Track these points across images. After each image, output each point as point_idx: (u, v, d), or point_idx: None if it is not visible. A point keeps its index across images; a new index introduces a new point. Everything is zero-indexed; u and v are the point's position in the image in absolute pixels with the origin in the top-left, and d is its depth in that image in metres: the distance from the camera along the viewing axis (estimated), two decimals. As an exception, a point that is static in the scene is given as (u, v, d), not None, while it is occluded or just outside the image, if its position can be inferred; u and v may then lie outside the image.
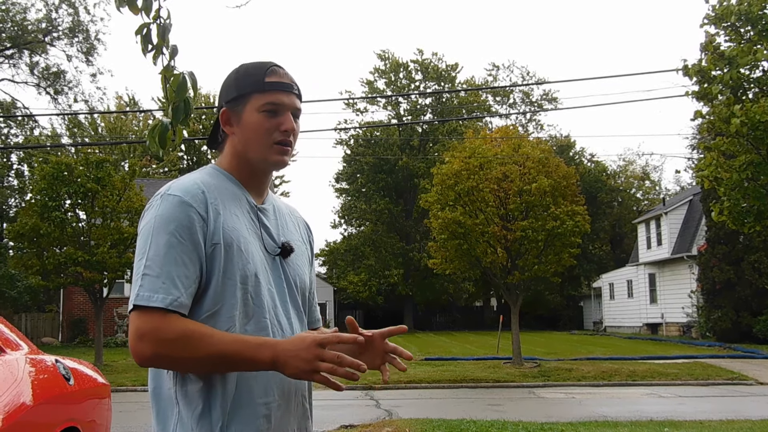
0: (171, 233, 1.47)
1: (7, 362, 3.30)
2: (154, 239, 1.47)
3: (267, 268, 1.60)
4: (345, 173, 42.18)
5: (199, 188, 1.54)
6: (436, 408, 10.58)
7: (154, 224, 1.49)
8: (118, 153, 37.92)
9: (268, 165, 1.63)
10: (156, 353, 1.42)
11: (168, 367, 1.48)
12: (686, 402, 11.50)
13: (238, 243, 1.54)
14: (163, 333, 1.41)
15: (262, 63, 1.64)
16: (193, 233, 1.49)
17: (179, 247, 1.47)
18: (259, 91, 1.60)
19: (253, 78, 1.61)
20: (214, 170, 1.64)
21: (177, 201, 1.50)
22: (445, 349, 21.40)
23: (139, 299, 1.43)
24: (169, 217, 1.49)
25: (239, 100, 1.61)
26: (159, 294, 1.43)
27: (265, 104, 1.59)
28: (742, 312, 22.71)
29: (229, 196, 1.59)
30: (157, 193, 1.56)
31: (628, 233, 41.12)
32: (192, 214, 1.50)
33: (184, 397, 1.49)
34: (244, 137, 1.61)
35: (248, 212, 1.62)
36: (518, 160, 15.76)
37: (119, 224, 15.88)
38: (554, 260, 15.30)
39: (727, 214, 8.29)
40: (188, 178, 1.58)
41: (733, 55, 7.53)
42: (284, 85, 1.61)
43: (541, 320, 38.80)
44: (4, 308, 23.71)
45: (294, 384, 1.58)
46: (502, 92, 45.29)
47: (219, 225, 1.52)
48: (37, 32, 29.41)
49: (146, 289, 1.43)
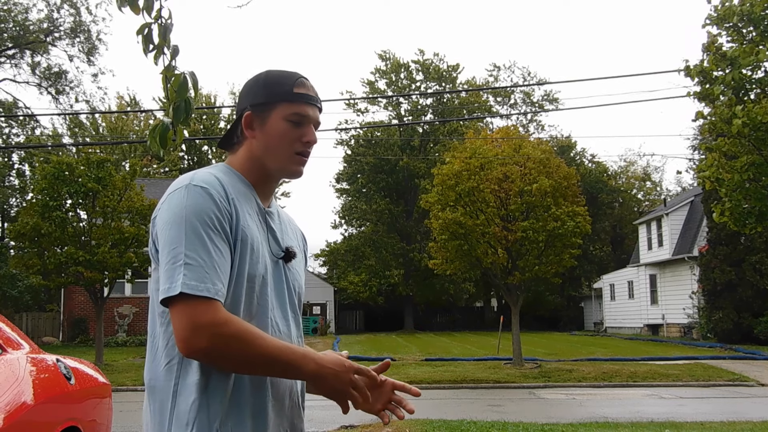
0: (205, 223, 1.46)
1: (8, 361, 3.30)
2: (188, 229, 1.45)
3: (272, 270, 1.61)
4: (345, 173, 42.19)
5: (219, 183, 1.54)
6: (436, 408, 10.57)
7: (185, 214, 1.47)
8: (119, 153, 37.96)
9: (284, 173, 1.66)
10: (212, 346, 1.40)
11: (215, 362, 1.45)
12: (687, 403, 11.49)
13: (252, 241, 1.55)
14: (222, 328, 1.40)
15: (291, 73, 1.67)
16: (224, 224, 1.49)
17: (216, 238, 1.46)
18: (288, 101, 1.62)
19: (283, 87, 1.63)
20: (226, 168, 1.64)
21: (205, 192, 1.49)
22: (445, 350, 21.40)
23: (187, 288, 1.40)
24: (200, 207, 1.47)
25: (266, 107, 1.63)
26: (206, 284, 1.42)
27: (292, 114, 1.62)
28: (743, 313, 22.70)
29: (242, 195, 1.60)
30: (178, 183, 1.53)
31: (629, 234, 41.11)
32: (221, 206, 1.50)
33: (183, 392, 1.48)
34: (266, 143, 1.63)
35: (257, 214, 1.63)
36: (519, 160, 15.76)
37: (120, 224, 15.89)
38: (555, 261, 15.30)
39: (728, 215, 8.28)
40: (205, 172, 1.57)
41: (735, 56, 7.52)
42: (311, 98, 1.65)
43: (541, 321, 38.79)
44: (5, 308, 23.74)
45: (288, 384, 1.59)
46: (503, 93, 45.28)
47: (239, 221, 1.53)
48: (39, 32, 29.44)
49: (191, 278, 1.41)
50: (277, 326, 1.59)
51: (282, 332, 1.59)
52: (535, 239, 14.74)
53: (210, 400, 1.47)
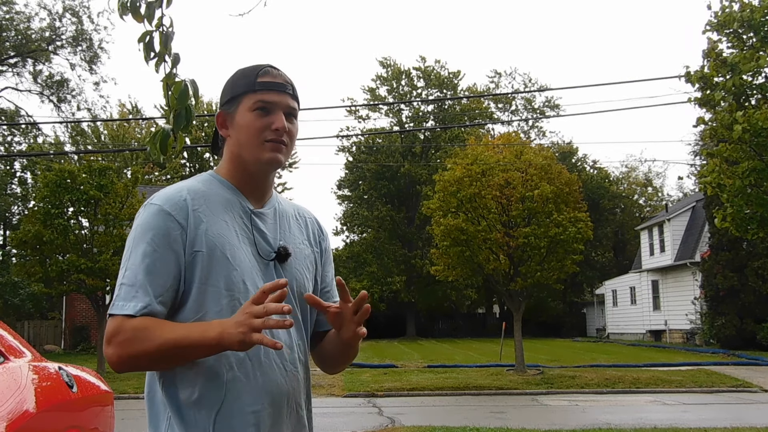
0: (148, 242, 1.50)
1: (10, 369, 3.30)
2: (133, 248, 1.51)
3: (259, 273, 1.58)
4: (347, 180, 42.21)
5: (181, 196, 1.55)
6: (438, 415, 10.55)
7: (135, 233, 1.53)
8: (120, 160, 37.99)
9: (261, 164, 1.62)
10: (119, 355, 1.45)
11: (136, 368, 1.48)
12: (690, 409, 11.45)
13: (223, 249, 1.53)
14: (120, 335, 1.44)
15: (256, 65, 1.65)
16: (171, 241, 1.50)
17: (154, 255, 1.49)
18: (251, 91, 1.60)
19: (246, 79, 1.62)
20: (209, 177, 1.65)
21: (156, 210, 1.53)
22: (447, 357, 21.35)
23: (113, 308, 1.47)
24: (147, 225, 1.52)
25: (233, 102, 1.62)
26: (131, 302, 1.46)
27: (256, 102, 1.59)
28: (746, 319, 22.64)
29: (219, 202, 1.59)
30: (144, 203, 1.59)
31: (631, 240, 41.08)
32: (170, 223, 1.51)
33: (174, 402, 1.50)
34: (237, 138, 1.62)
35: (240, 217, 1.61)
36: (520, 166, 15.76)
37: (122, 231, 15.89)
38: (557, 267, 15.28)
39: (730, 221, 8.28)
40: (175, 186, 1.60)
41: (735, 62, 7.53)
42: (276, 85, 1.61)
43: (543, 327, 38.70)
44: (7, 315, 23.72)
45: (286, 391, 1.56)
46: (505, 99, 45.34)
47: (201, 232, 1.53)
48: (41, 41, 29.53)
49: (121, 298, 1.47)
50: (270, 332, 1.53)
51: (277, 337, 1.55)
52: (537, 245, 14.73)
53: (199, 412, 1.48)
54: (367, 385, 14.09)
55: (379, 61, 42.05)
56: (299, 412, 1.61)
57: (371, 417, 10.61)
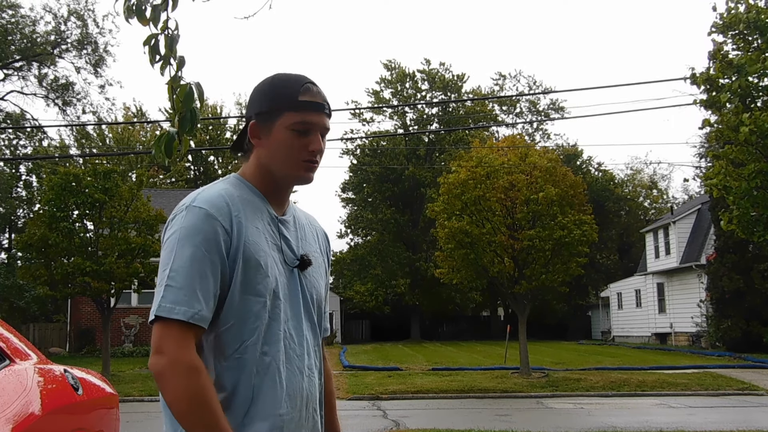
0: (197, 246, 1.47)
1: (16, 372, 3.30)
2: (178, 251, 1.47)
3: (285, 280, 1.59)
4: (351, 183, 42.23)
5: (223, 200, 1.53)
6: (443, 418, 10.53)
7: (179, 236, 1.48)
8: (125, 163, 38.11)
9: (292, 180, 1.64)
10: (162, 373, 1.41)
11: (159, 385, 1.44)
12: (696, 412, 11.40)
13: (257, 257, 1.53)
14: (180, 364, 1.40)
15: (297, 79, 1.62)
16: (219, 247, 1.48)
17: (204, 261, 1.46)
18: (292, 110, 1.58)
19: (287, 95, 1.59)
20: (237, 180, 1.63)
21: (203, 213, 1.49)
22: (452, 359, 21.32)
23: (160, 310, 1.43)
24: (195, 228, 1.48)
25: (270, 115, 1.60)
26: (181, 306, 1.42)
27: (296, 123, 1.58)
28: (752, 321, 22.55)
29: (251, 207, 1.58)
30: (182, 204, 1.54)
31: (636, 242, 40.95)
32: (217, 228, 1.49)
33: None
34: (271, 152, 1.61)
35: (269, 224, 1.61)
36: (525, 169, 15.73)
37: (127, 234, 15.92)
38: (562, 270, 15.24)
39: (736, 223, 8.26)
40: (213, 189, 1.57)
41: (741, 64, 7.51)
42: (317, 105, 1.60)
43: (548, 330, 38.60)
44: (13, 318, 23.81)
45: (307, 396, 1.58)
46: (509, 101, 45.30)
47: (242, 239, 1.52)
48: (46, 44, 29.65)
49: (168, 300, 1.43)
50: (292, 338, 1.57)
51: (296, 343, 1.58)
52: (542, 248, 14.70)
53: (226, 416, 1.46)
54: (371, 387, 14.08)
55: (383, 64, 42.10)
56: (315, 416, 1.63)
57: (376, 420, 10.59)
